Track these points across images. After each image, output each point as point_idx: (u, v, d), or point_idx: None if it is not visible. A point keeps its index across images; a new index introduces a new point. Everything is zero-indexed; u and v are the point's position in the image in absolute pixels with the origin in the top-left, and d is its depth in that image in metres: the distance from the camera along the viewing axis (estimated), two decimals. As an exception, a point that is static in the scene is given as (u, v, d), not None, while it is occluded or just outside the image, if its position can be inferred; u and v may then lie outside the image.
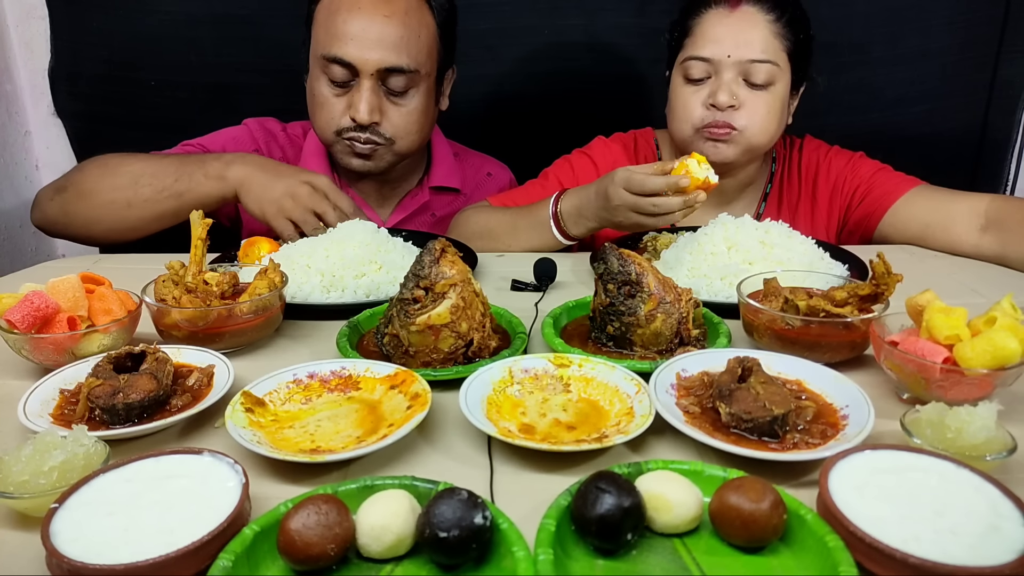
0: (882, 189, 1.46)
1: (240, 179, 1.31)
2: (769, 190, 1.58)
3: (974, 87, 1.93)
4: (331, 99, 1.43)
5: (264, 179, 1.31)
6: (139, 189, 1.33)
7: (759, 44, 1.35)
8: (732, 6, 1.35)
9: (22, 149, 2.03)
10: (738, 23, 1.35)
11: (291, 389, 0.84)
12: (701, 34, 1.38)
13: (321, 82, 1.43)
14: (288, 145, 1.62)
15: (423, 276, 0.89)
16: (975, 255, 1.34)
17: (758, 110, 1.37)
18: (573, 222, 1.34)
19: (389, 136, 1.45)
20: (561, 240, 1.37)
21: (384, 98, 1.43)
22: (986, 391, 0.78)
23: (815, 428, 0.75)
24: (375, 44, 1.37)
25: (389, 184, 1.60)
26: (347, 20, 1.37)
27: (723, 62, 1.36)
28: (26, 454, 0.66)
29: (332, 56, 1.38)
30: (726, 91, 1.36)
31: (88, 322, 0.95)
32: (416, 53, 1.41)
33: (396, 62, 1.39)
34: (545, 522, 0.61)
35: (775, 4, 1.36)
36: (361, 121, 1.41)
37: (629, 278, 0.94)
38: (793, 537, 0.61)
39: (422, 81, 1.45)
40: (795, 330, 0.91)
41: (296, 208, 1.29)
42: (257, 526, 0.60)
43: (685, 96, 1.41)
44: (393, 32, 1.38)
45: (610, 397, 0.83)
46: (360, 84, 1.40)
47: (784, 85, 1.39)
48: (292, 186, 1.30)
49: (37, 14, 1.94)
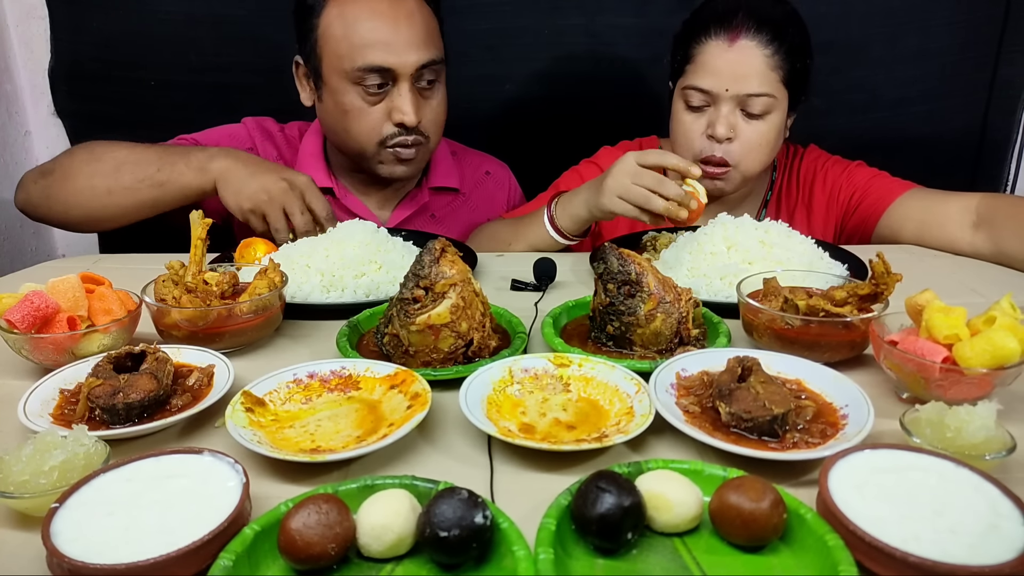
0: (877, 194, 1.48)
1: (220, 171, 1.31)
2: (769, 197, 1.61)
3: (974, 87, 1.93)
4: (368, 109, 1.42)
5: (243, 173, 1.30)
6: (120, 176, 1.33)
7: (756, 79, 1.37)
8: (731, 40, 1.37)
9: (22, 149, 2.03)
10: (736, 57, 1.37)
11: (291, 389, 0.84)
12: (702, 64, 1.40)
13: (352, 95, 1.41)
14: (285, 146, 1.61)
15: (423, 276, 0.89)
16: (971, 253, 1.35)
17: (753, 140, 1.42)
18: (563, 212, 1.37)
19: (427, 134, 1.46)
20: (556, 238, 1.39)
21: (419, 95, 1.43)
22: (985, 390, 0.78)
23: (815, 427, 0.75)
24: (409, 45, 1.37)
25: (391, 186, 1.60)
26: (374, 28, 1.37)
27: (721, 95, 1.39)
28: (26, 454, 0.66)
29: (368, 66, 1.37)
30: (724, 124, 1.40)
31: (88, 322, 0.95)
32: (439, 43, 1.44)
33: (430, 56, 1.40)
34: (545, 521, 0.61)
35: (773, 36, 1.37)
36: (411, 124, 1.41)
37: (629, 278, 0.94)
38: (793, 536, 0.61)
39: (443, 71, 1.47)
40: (795, 330, 0.91)
41: (269, 204, 1.28)
42: (258, 526, 0.60)
43: (686, 124, 1.45)
44: (419, 28, 1.39)
45: (610, 397, 0.83)
46: (399, 87, 1.39)
47: (780, 113, 1.43)
48: (269, 182, 1.29)
49: (37, 14, 1.94)
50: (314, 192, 1.31)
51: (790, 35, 1.39)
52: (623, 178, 1.24)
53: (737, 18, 1.37)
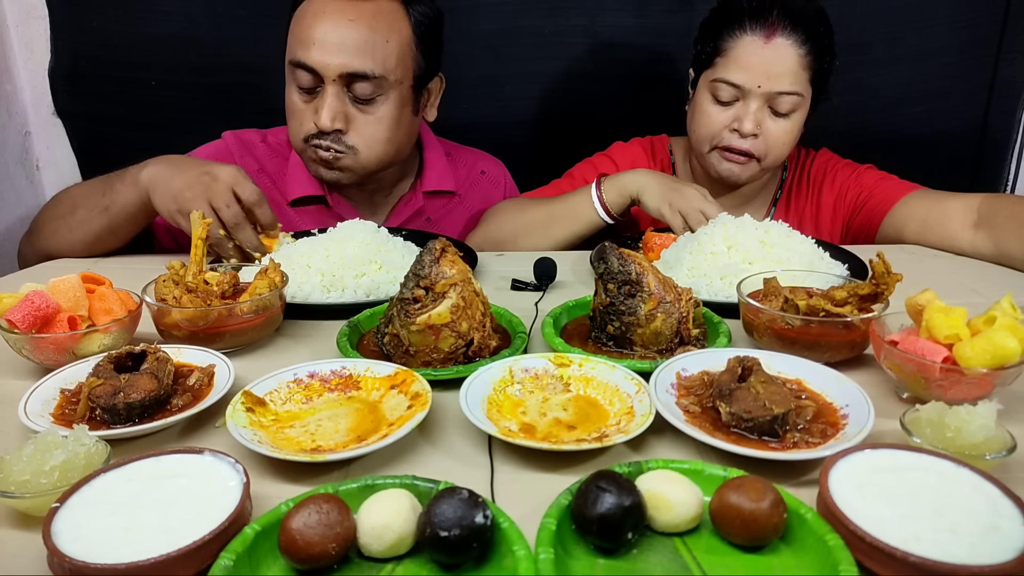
0: (882, 195, 1.49)
1: (149, 180, 1.24)
2: (779, 196, 1.61)
3: (974, 87, 1.93)
4: (300, 106, 1.41)
5: (168, 175, 1.23)
6: (76, 212, 1.35)
7: (788, 77, 1.38)
8: (767, 37, 1.37)
9: (22, 149, 2.03)
10: (771, 55, 1.37)
11: (291, 389, 0.84)
12: (734, 59, 1.40)
13: (291, 89, 1.41)
14: (268, 156, 1.58)
15: (423, 276, 0.89)
16: (972, 252, 1.35)
17: (778, 138, 1.44)
18: (611, 186, 1.40)
19: (352, 145, 1.41)
20: (603, 216, 1.41)
21: (351, 105, 1.40)
22: (986, 390, 0.78)
23: (815, 427, 0.75)
24: (337, 48, 1.34)
25: (380, 191, 1.58)
26: (312, 25, 1.35)
27: (752, 91, 1.39)
28: (27, 454, 0.66)
29: (297, 61, 1.36)
30: (751, 120, 1.41)
31: (88, 322, 0.95)
32: (383, 59, 1.36)
33: (359, 67, 1.35)
34: (546, 521, 0.61)
35: (807, 36, 1.38)
36: (323, 127, 1.38)
37: (629, 278, 0.94)
38: (793, 536, 0.61)
39: (391, 89, 1.40)
40: (795, 329, 0.91)
41: (194, 200, 1.19)
42: (258, 525, 0.60)
43: (711, 115, 1.45)
44: (357, 36, 1.34)
45: (610, 396, 0.83)
46: (324, 90, 1.37)
47: (804, 111, 1.44)
48: (191, 178, 1.21)
49: (37, 14, 1.94)
50: (244, 180, 1.21)
51: (821, 34, 1.40)
52: (695, 201, 1.31)
53: (773, 15, 1.37)
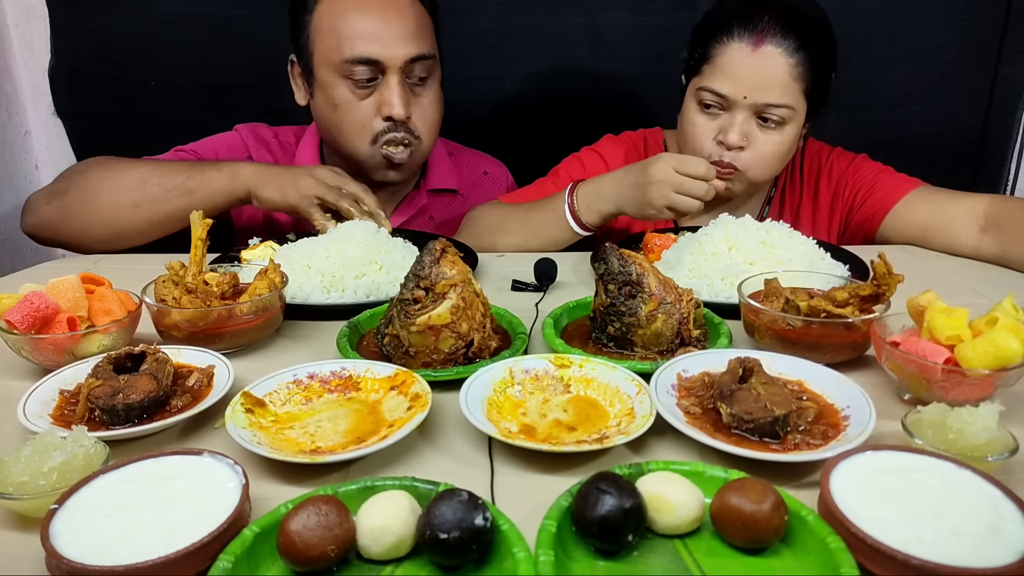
0: (883, 192, 1.46)
1: (252, 174, 1.33)
2: (773, 194, 1.58)
3: (975, 86, 1.93)
4: (357, 102, 1.42)
5: (277, 171, 1.34)
6: (147, 189, 1.33)
7: (777, 89, 1.31)
8: (755, 44, 1.30)
9: (22, 149, 2.03)
10: (759, 64, 1.30)
11: (291, 390, 0.84)
12: (720, 67, 1.33)
13: (342, 88, 1.41)
14: (280, 152, 1.60)
15: (423, 276, 0.88)
16: (975, 256, 1.34)
17: (765, 150, 1.37)
18: (587, 207, 1.35)
19: (418, 134, 1.46)
20: (576, 229, 1.37)
21: (410, 91, 1.43)
22: (988, 392, 0.78)
23: (816, 429, 0.75)
24: (398, 37, 1.38)
25: (386, 189, 1.59)
26: (363, 19, 1.37)
27: (738, 102, 1.33)
28: (26, 455, 0.66)
29: (356, 57, 1.37)
30: (737, 132, 1.35)
31: (88, 322, 0.95)
32: (430, 39, 1.44)
33: (420, 50, 1.40)
34: (546, 523, 0.60)
35: (800, 44, 1.30)
36: (398, 116, 1.41)
37: (630, 278, 0.94)
38: (794, 538, 0.61)
39: (436, 68, 1.46)
40: (796, 331, 0.91)
41: (317, 185, 1.30)
42: (257, 527, 0.60)
43: (698, 126, 1.40)
44: (410, 22, 1.40)
45: (611, 398, 0.82)
46: (387, 80, 1.39)
47: (797, 124, 1.37)
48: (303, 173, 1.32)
49: (37, 14, 1.94)
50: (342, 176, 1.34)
51: (817, 44, 1.33)
52: (666, 190, 1.24)
53: (763, 20, 1.30)
